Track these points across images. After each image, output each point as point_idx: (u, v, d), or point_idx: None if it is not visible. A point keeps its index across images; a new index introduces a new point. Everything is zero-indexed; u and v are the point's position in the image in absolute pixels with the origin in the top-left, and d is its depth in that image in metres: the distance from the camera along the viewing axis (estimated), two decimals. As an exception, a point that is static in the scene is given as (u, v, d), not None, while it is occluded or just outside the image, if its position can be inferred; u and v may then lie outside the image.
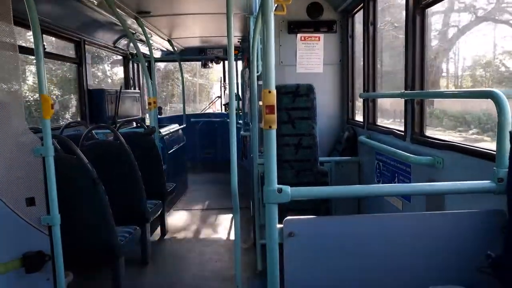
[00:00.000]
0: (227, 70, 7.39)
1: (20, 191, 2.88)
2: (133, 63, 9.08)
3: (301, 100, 4.57)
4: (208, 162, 10.50)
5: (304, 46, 5.40)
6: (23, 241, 2.91)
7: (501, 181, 2.04)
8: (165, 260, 4.98)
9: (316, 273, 2.15)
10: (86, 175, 3.52)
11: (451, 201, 2.81)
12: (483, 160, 2.47)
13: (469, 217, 2.17)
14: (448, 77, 5.69)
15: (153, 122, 6.00)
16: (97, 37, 6.80)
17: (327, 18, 5.38)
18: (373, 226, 2.17)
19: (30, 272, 2.92)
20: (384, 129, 4.27)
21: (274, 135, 1.98)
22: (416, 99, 3.45)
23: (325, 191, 2.46)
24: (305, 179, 4.56)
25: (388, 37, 5.64)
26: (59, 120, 6.96)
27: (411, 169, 3.49)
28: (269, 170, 1.98)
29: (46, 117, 2.91)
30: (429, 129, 3.54)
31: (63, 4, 4.96)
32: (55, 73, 6.83)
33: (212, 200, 7.73)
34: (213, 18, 6.40)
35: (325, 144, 5.45)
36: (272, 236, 2.04)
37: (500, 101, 2.05)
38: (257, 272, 4.52)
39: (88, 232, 3.72)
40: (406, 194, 3.40)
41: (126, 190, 4.54)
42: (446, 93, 3.40)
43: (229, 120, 3.34)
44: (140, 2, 5.32)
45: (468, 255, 2.11)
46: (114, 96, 7.12)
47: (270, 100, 1.94)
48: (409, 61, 3.50)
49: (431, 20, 4.09)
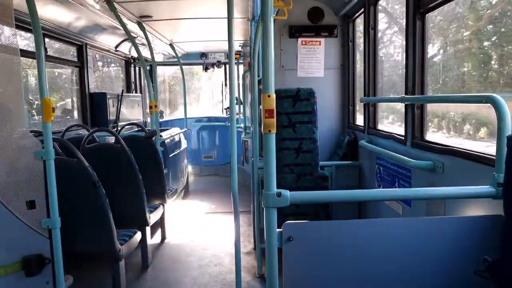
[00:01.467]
0: (228, 74, 7.41)
1: (20, 194, 2.89)
2: (134, 67, 9.11)
3: (302, 104, 4.58)
4: (209, 166, 10.50)
5: (305, 51, 5.42)
6: (23, 244, 2.92)
7: (500, 186, 2.04)
8: (165, 264, 4.98)
9: (315, 277, 2.14)
10: (86, 178, 3.52)
11: (451, 206, 2.80)
12: (483, 165, 2.47)
13: (469, 222, 2.16)
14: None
15: (154, 126, 6.02)
16: (99, 41, 6.83)
17: (328, 22, 5.39)
18: (373, 230, 2.17)
19: (30, 276, 2.92)
20: (384, 133, 4.27)
21: (274, 139, 1.98)
22: (417, 104, 3.45)
23: (324, 195, 2.46)
24: (305, 183, 4.56)
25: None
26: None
27: (411, 173, 3.48)
28: (269, 174, 1.98)
29: (47, 121, 2.92)
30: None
31: (65, 7, 4.99)
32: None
33: (213, 204, 7.73)
34: (215, 22, 6.42)
35: (326, 148, 5.45)
36: (271, 240, 2.03)
37: (499, 106, 2.05)
38: (257, 276, 4.51)
39: (88, 235, 3.72)
40: (407, 198, 3.40)
41: (126, 193, 4.55)
42: (446, 97, 3.40)
43: (230, 124, 3.35)
44: (142, 6, 5.35)
45: (467, 259, 2.11)
46: (116, 99, 7.14)
47: (269, 104, 1.94)
48: (409, 66, 3.50)
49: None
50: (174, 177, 7.24)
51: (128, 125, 6.94)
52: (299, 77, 5.43)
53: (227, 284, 4.39)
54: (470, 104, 4.40)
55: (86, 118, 6.56)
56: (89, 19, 5.67)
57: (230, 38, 3.22)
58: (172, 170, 7.02)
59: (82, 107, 6.56)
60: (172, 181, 7.00)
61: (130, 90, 8.89)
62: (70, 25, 5.66)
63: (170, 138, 7.16)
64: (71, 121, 6.71)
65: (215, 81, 19.97)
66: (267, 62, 1.94)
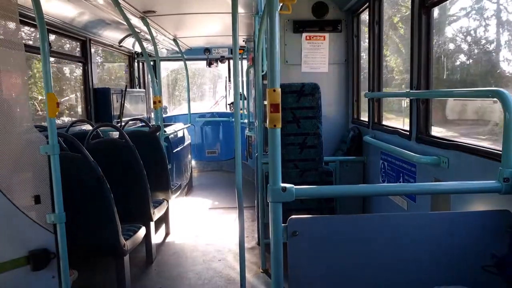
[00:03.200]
0: (232, 69, 7.40)
1: (25, 189, 2.90)
2: (138, 62, 9.11)
3: (306, 100, 4.56)
4: (213, 161, 10.52)
5: (309, 46, 5.40)
6: (29, 239, 2.93)
7: (507, 181, 2.03)
8: (169, 259, 4.99)
9: (320, 272, 2.14)
10: (91, 173, 3.54)
11: (457, 201, 2.79)
12: (489, 159, 2.46)
13: (474, 217, 2.16)
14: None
15: (158, 121, 6.02)
16: (103, 36, 6.83)
17: (332, 17, 5.37)
18: (377, 225, 2.17)
19: (36, 270, 2.94)
20: (389, 128, 4.25)
21: (279, 134, 1.98)
22: (421, 99, 3.44)
23: (329, 190, 2.46)
24: (309, 178, 4.56)
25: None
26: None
27: (416, 168, 3.47)
28: (274, 169, 1.98)
29: (51, 116, 2.93)
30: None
31: (69, 2, 4.98)
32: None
33: (217, 199, 7.74)
34: (219, 17, 6.40)
35: (330, 144, 5.44)
36: (276, 235, 2.04)
37: (506, 100, 2.03)
38: (262, 271, 4.52)
39: (93, 230, 3.74)
40: (411, 193, 3.39)
41: (131, 188, 4.56)
42: (451, 92, 3.38)
43: (233, 119, 3.35)
44: (145, 1, 5.33)
45: (473, 254, 2.11)
46: (120, 95, 7.15)
47: (274, 99, 1.94)
48: (414, 61, 3.49)
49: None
50: (178, 173, 7.25)
51: (132, 120, 6.94)
52: (303, 72, 5.41)
53: (231, 279, 4.40)
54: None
55: (90, 114, 6.57)
56: (93, 14, 5.66)
57: (234, 33, 3.21)
58: (176, 166, 7.03)
59: (86, 102, 6.57)
60: (176, 176, 7.02)
61: (133, 85, 8.90)
62: (74, 20, 5.65)
63: (174, 134, 7.17)
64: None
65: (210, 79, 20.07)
66: (273, 57, 1.93)
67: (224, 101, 11.65)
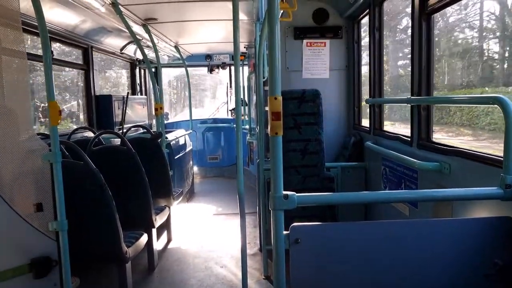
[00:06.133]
0: (233, 76, 7.42)
1: (28, 197, 2.90)
2: (139, 69, 9.14)
3: (307, 106, 4.57)
4: (214, 168, 10.52)
5: (310, 52, 5.41)
6: (31, 246, 2.93)
7: (508, 188, 2.03)
8: (171, 266, 4.98)
9: (322, 279, 2.14)
10: (93, 181, 3.54)
11: (458, 207, 2.79)
12: (491, 166, 2.45)
13: (476, 224, 2.15)
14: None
15: (160, 128, 6.03)
16: (105, 43, 6.86)
17: (333, 24, 5.39)
18: (379, 232, 2.16)
19: (38, 278, 2.94)
20: (390, 134, 4.26)
21: (281, 142, 1.98)
22: (423, 105, 3.44)
23: (331, 198, 2.46)
24: (311, 184, 4.56)
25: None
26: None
27: (418, 175, 3.47)
28: (276, 176, 1.98)
29: (54, 124, 2.94)
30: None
31: (71, 11, 5.01)
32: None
33: (219, 205, 7.74)
34: (220, 24, 6.43)
35: (332, 150, 5.44)
36: (278, 242, 2.03)
37: (507, 107, 2.04)
38: (264, 277, 4.51)
39: (95, 238, 3.74)
40: (413, 200, 3.38)
41: (133, 195, 4.56)
42: (452, 99, 3.38)
43: (235, 125, 3.35)
44: (147, 9, 5.36)
45: (475, 261, 2.10)
46: (121, 101, 7.17)
47: (276, 106, 1.94)
48: (415, 67, 3.49)
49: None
50: (180, 179, 7.25)
51: (134, 127, 6.97)
52: (304, 79, 5.43)
53: (233, 286, 4.39)
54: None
55: (92, 121, 6.59)
56: (95, 22, 5.69)
57: (235, 39, 3.23)
58: (177, 172, 7.03)
59: (88, 109, 6.59)
60: (177, 182, 7.02)
61: (135, 92, 8.93)
62: (76, 28, 5.69)
63: (175, 140, 7.18)
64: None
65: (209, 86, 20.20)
66: (274, 64, 1.94)
67: (225, 107, 11.67)
